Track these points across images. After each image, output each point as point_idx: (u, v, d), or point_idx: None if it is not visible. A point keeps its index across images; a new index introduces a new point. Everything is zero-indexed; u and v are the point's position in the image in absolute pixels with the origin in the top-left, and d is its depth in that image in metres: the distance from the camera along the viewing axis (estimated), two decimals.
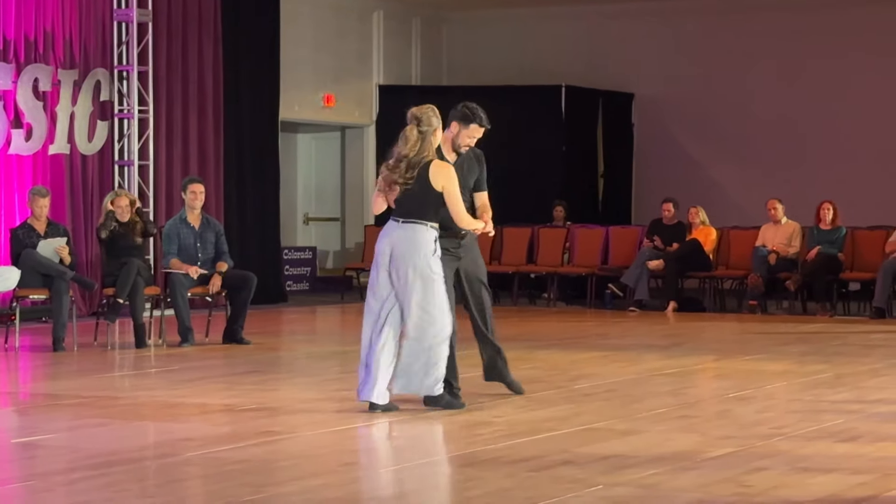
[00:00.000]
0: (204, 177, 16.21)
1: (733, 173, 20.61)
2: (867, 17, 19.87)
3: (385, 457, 7.19)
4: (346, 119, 21.15)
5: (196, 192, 12.97)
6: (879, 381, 10.34)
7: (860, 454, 7.18)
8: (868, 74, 19.84)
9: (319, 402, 9.30)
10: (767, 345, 13.34)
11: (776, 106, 20.37)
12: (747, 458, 7.03)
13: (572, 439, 7.63)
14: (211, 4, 17.31)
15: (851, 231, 17.18)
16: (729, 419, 8.47)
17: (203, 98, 17.31)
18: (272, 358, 12.35)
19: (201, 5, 17.20)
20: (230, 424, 8.30)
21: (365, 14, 21.14)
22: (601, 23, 21.45)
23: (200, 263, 12.86)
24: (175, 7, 16.89)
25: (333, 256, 21.97)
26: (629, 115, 21.58)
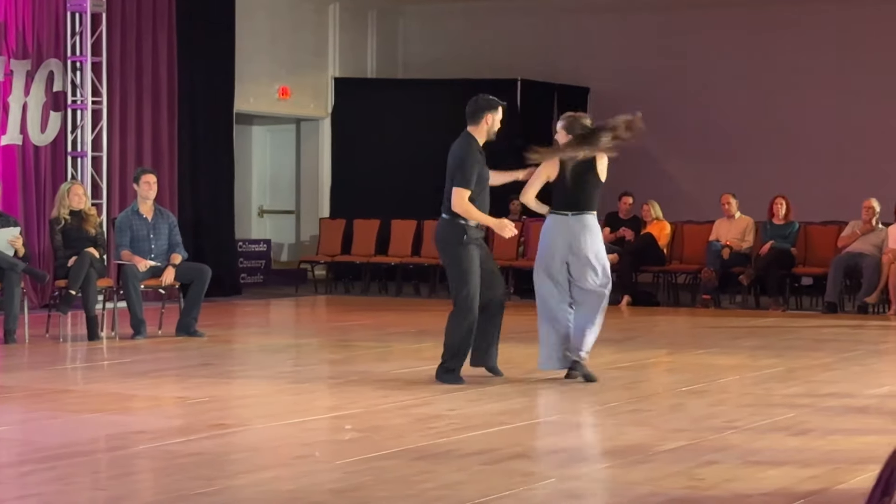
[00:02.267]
0: (158, 168, 16.15)
1: (687, 168, 20.68)
2: (822, 13, 19.97)
3: (337, 450, 7.17)
4: (302, 111, 21.11)
5: (149, 183, 12.92)
6: (831, 376, 10.40)
7: (811, 448, 7.21)
8: (822, 70, 19.94)
9: (272, 395, 9.27)
10: (720, 339, 13.39)
11: (730, 101, 20.45)
12: (699, 452, 7.05)
13: (525, 433, 7.64)
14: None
15: (804, 226, 17.28)
16: (681, 413, 8.50)
17: (157, 89, 17.23)
18: (225, 351, 12.31)
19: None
20: (182, 417, 8.27)
21: (321, 6, 21.09)
22: (557, 17, 21.48)
23: (154, 255, 12.80)
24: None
25: (288, 249, 21.92)
26: (584, 109, 21.57)
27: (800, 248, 17.14)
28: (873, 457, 6.87)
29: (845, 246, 16.56)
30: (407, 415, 8.26)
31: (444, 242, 9.73)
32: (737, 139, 20.40)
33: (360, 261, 19.43)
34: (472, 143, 9.75)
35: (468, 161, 9.68)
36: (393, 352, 12.05)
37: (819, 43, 19.97)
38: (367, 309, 16.66)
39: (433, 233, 9.96)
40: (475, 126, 9.81)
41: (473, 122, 9.82)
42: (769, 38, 20.25)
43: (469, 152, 9.72)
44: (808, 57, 20.01)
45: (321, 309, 17.70)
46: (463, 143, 9.81)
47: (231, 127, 18.72)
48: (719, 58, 20.51)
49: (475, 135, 9.79)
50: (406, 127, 21.00)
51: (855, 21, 19.81)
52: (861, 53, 19.73)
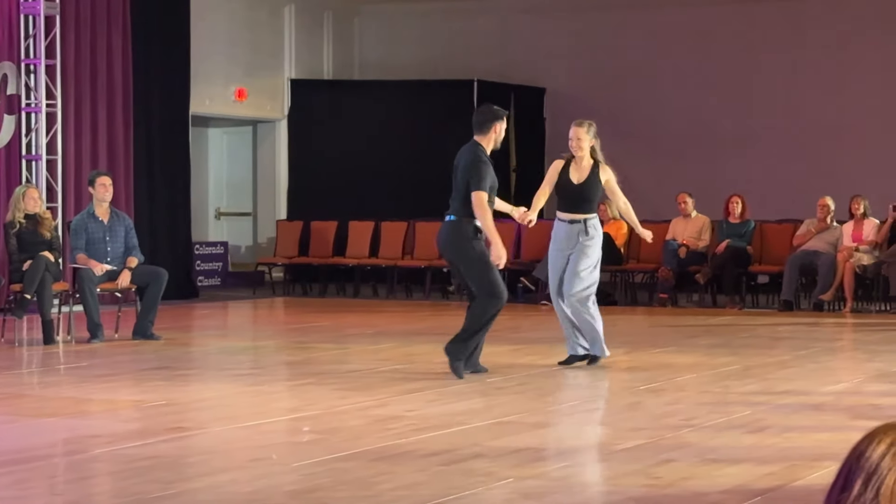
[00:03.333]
0: (113, 171, 16.05)
1: (644, 167, 20.73)
2: (777, 12, 20.07)
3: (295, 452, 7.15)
4: (258, 113, 21.05)
5: (105, 186, 12.84)
6: (787, 373, 10.46)
7: (767, 445, 7.24)
8: (777, 69, 20.05)
9: (230, 398, 9.24)
10: (677, 337, 13.44)
11: (686, 100, 20.53)
12: (657, 450, 7.07)
13: (484, 433, 7.64)
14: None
15: (760, 224, 17.36)
16: (639, 411, 8.52)
17: (112, 92, 17.14)
18: (183, 354, 12.26)
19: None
20: (139, 421, 8.23)
21: (276, 7, 21.04)
22: (513, 17, 21.51)
23: (110, 259, 12.73)
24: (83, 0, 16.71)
25: (245, 251, 21.86)
26: (541, 109, 21.65)
27: (756, 246, 17.22)
28: (829, 453, 6.91)
29: (801, 244, 16.65)
30: (365, 416, 8.24)
31: (455, 242, 9.89)
32: (692, 138, 20.48)
33: (317, 262, 19.40)
34: (481, 150, 9.91)
35: (481, 164, 9.83)
36: (351, 353, 12.04)
37: (771, 40, 20.07)
38: (325, 310, 16.63)
39: (438, 235, 10.05)
40: (483, 136, 9.95)
41: (481, 132, 9.96)
42: (722, 37, 20.33)
43: (480, 157, 9.87)
44: (761, 55, 20.11)
45: (279, 311, 17.66)
46: (472, 149, 9.96)
47: (187, 129, 18.64)
48: (675, 56, 20.59)
49: (483, 144, 9.94)
50: (363, 128, 20.98)
51: (805, 18, 19.91)
52: (812, 51, 19.84)
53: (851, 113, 19.67)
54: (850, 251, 16.20)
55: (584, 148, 10.57)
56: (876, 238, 16.35)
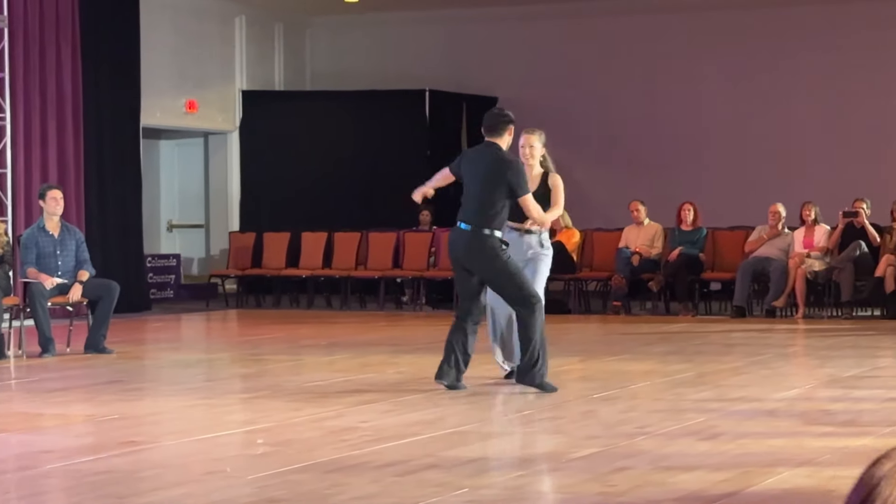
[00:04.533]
0: (64, 184, 15.97)
1: (596, 176, 20.81)
2: (722, 19, 20.19)
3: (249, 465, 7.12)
4: (209, 125, 21.00)
5: (55, 199, 12.76)
6: (740, 380, 10.50)
7: (721, 451, 7.27)
8: (726, 76, 20.16)
9: (183, 411, 9.20)
10: (631, 345, 13.48)
11: (638, 108, 20.62)
12: (612, 458, 7.08)
13: (438, 443, 7.63)
14: (69, 9, 17.05)
15: (712, 231, 17.45)
16: (593, 419, 8.53)
17: (62, 104, 17.04)
18: (135, 367, 12.19)
19: (59, 10, 16.93)
20: (92, 435, 8.17)
21: (227, 18, 20.99)
22: (464, 27, 21.54)
23: (61, 273, 12.66)
24: (32, 11, 16.60)
25: (198, 263, 21.79)
26: None
27: (708, 253, 17.30)
28: (783, 459, 6.94)
29: (752, 250, 16.74)
30: (319, 427, 8.22)
31: (480, 251, 9.58)
32: (645, 146, 20.57)
33: (270, 274, 19.35)
34: (500, 150, 9.71)
35: (517, 166, 9.67)
36: (305, 364, 12.01)
37: (719, 49, 20.19)
38: (279, 322, 16.58)
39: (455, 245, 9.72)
40: (499, 137, 9.78)
41: (496, 134, 9.79)
42: (672, 46, 20.44)
43: (518, 162, 9.73)
44: (710, 63, 20.22)
45: (232, 323, 17.60)
46: (496, 150, 9.70)
47: (138, 141, 18.56)
48: (625, 65, 20.67)
49: (499, 144, 9.77)
50: (315, 139, 20.96)
51: (754, 25, 20.04)
52: (762, 58, 19.96)
53: (800, 119, 19.81)
54: (801, 257, 16.30)
55: (537, 156, 10.36)
56: (827, 244, 16.46)
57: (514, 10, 21.19)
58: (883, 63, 19.44)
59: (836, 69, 19.64)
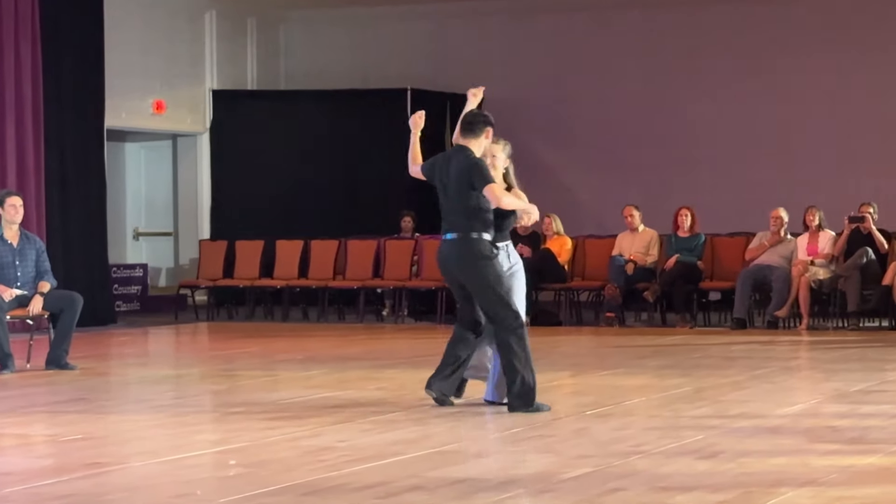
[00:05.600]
0: (23, 190, 15.94)
1: (588, 179, 20.83)
2: (720, 16, 20.22)
3: (221, 487, 7.11)
4: (178, 126, 20.98)
5: (14, 206, 12.74)
6: (741, 395, 10.51)
7: (721, 471, 7.27)
8: (725, 75, 20.19)
9: (151, 430, 9.18)
10: (625, 359, 13.48)
11: (632, 109, 20.63)
12: (605, 479, 7.08)
13: (421, 463, 7.63)
14: (28, 5, 17.02)
15: (710, 238, 17.46)
16: (586, 438, 8.53)
17: (21, 105, 17.00)
18: (100, 384, 12.16)
19: (17, 4, 16.91)
20: (53, 457, 8.15)
21: (196, 14, 20.98)
22: (447, 22, 21.55)
23: (20, 284, 12.63)
24: None
25: (166, 273, 21.76)
26: None
27: (706, 261, 17.31)
28: (786, 479, 6.95)
29: (753, 258, 16.76)
30: (296, 447, 8.21)
31: (467, 259, 9.60)
32: (639, 148, 20.58)
33: (243, 284, 19.32)
34: (471, 153, 9.74)
35: (480, 163, 9.67)
36: (280, 380, 11.99)
37: (720, 47, 20.22)
38: (252, 335, 16.56)
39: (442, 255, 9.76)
40: (474, 139, 9.81)
41: (472, 135, 9.81)
42: (669, 43, 20.46)
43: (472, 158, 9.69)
44: (710, 61, 20.25)
45: (203, 336, 17.57)
46: (461, 154, 9.76)
47: (102, 144, 18.52)
48: (618, 63, 20.69)
49: (472, 148, 9.78)
50: (290, 141, 20.95)
51: (756, 24, 20.07)
52: (763, 58, 20.00)
53: (804, 121, 19.85)
54: (805, 265, 16.33)
55: (498, 167, 10.27)
56: (832, 251, 16.50)
57: (501, 5, 21.20)
58: (890, 62, 19.49)
59: (840, 68, 19.68)
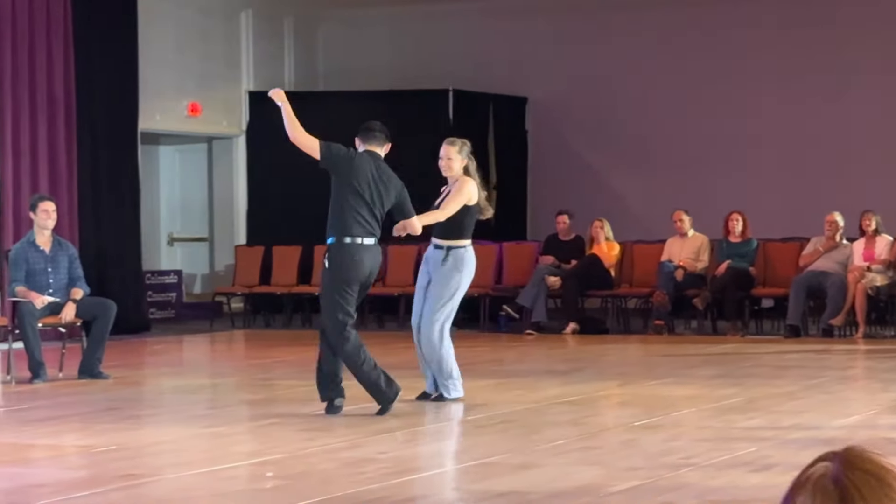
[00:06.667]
0: (56, 195, 16.01)
1: (636, 183, 20.79)
2: (770, 12, 20.14)
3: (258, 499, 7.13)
4: (214, 129, 21.05)
5: (47, 212, 12.81)
6: (794, 405, 10.47)
7: (775, 484, 7.25)
8: (779, 76, 20.11)
9: (185, 441, 9.21)
10: (675, 368, 13.45)
11: (682, 110, 20.58)
12: (654, 491, 7.07)
13: (465, 476, 7.63)
14: (61, 4, 17.13)
15: (763, 243, 17.40)
16: (634, 449, 8.52)
17: (53, 108, 17.10)
18: (134, 393, 12.22)
19: (50, 5, 17.01)
20: (87, 468, 8.20)
21: (232, 14, 21.05)
22: (491, 21, 21.55)
23: (52, 291, 12.69)
24: (20, 7, 16.68)
25: (201, 280, 21.82)
26: (523, 120, 21.70)
27: (759, 267, 17.25)
28: None
29: (808, 264, 16.69)
30: (334, 459, 8.23)
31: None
32: (689, 151, 20.53)
33: (280, 291, 19.35)
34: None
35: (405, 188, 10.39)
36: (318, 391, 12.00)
37: (776, 47, 20.15)
38: (290, 344, 16.59)
39: (374, 259, 10.34)
40: (380, 147, 10.53)
41: (378, 143, 10.54)
42: (722, 42, 20.40)
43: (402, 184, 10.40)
44: (764, 62, 20.17)
45: (239, 345, 17.62)
46: (390, 172, 10.43)
47: (136, 147, 18.61)
48: (669, 63, 20.64)
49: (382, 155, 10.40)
50: None
51: (805, 18, 19.98)
52: (817, 53, 19.91)
53: (860, 123, 19.76)
54: (861, 271, 16.25)
55: (454, 168, 10.75)
56: (889, 256, 16.42)
57: (545, 4, 21.20)
58: None
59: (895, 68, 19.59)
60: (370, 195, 10.14)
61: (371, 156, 10.28)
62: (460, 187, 10.71)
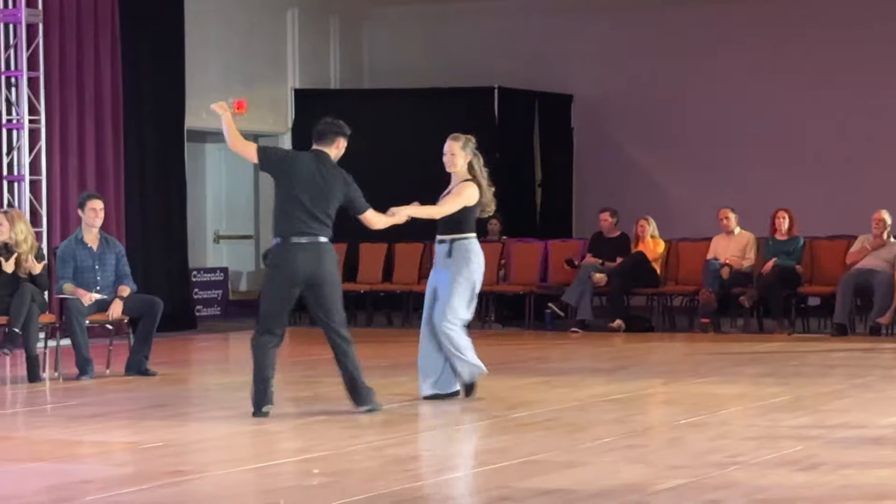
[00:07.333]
0: (103, 192, 16.08)
1: (682, 180, 20.72)
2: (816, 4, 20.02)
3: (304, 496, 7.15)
4: (260, 127, 21.07)
5: (95, 210, 12.86)
6: (841, 404, 10.43)
7: (822, 483, 7.22)
8: (827, 72, 20.00)
9: (232, 438, 9.25)
10: (721, 366, 13.41)
11: (728, 107, 20.49)
12: (701, 490, 7.05)
13: (510, 473, 7.63)
14: (108, 2, 17.20)
15: (809, 241, 17.31)
16: (680, 448, 8.50)
17: (101, 106, 17.18)
18: (180, 390, 12.27)
19: (97, 4, 17.09)
20: (134, 464, 8.23)
21: (278, 12, 21.09)
22: (537, 18, 21.52)
23: (100, 288, 12.75)
24: (68, 6, 16.75)
25: (247, 278, 21.88)
26: (568, 118, 21.66)
27: (805, 265, 17.18)
28: (889, 491, 6.89)
29: (855, 262, 16.61)
30: (380, 456, 8.24)
31: (333, 267, 10.55)
32: (735, 148, 20.45)
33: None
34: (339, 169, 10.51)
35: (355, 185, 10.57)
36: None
37: (815, 37, 20.03)
38: None
39: (308, 259, 10.34)
40: (328, 147, 10.47)
41: (325, 142, 10.46)
42: (770, 39, 20.29)
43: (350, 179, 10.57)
44: (811, 58, 20.07)
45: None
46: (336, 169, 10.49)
47: (182, 145, 18.68)
48: (715, 60, 20.56)
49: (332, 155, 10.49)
50: (373, 141, 20.95)
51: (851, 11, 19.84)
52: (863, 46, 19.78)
53: None
54: None
55: (458, 164, 10.78)
56: None
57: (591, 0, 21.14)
58: None
59: None
60: (308, 195, 10.16)
61: (315, 155, 10.31)
62: (460, 191, 10.80)
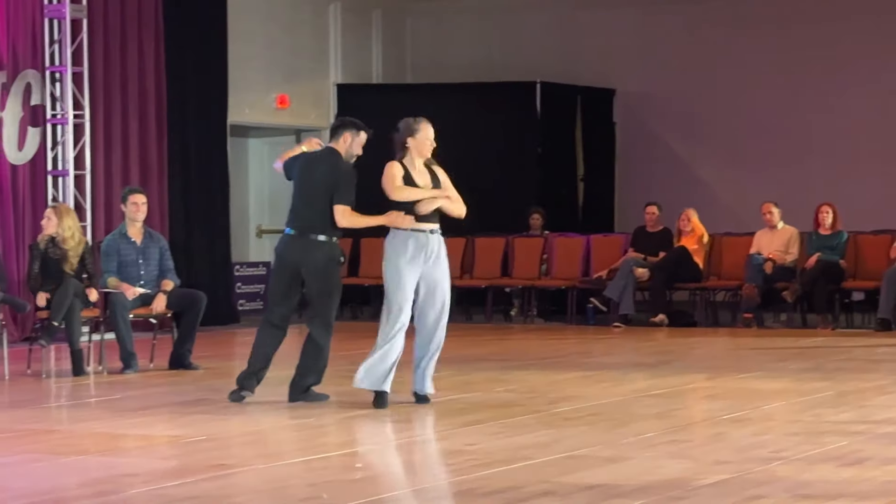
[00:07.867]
0: (147, 187, 16.16)
1: (724, 175, 20.66)
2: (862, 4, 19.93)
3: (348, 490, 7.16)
4: (302, 121, 21.11)
5: (137, 204, 12.92)
6: (886, 399, 10.38)
7: (867, 478, 7.19)
8: (870, 66, 19.90)
9: (275, 432, 9.27)
10: (764, 361, 13.37)
11: (770, 101, 20.42)
12: (744, 486, 7.03)
13: (552, 468, 7.62)
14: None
15: (853, 236, 17.24)
16: (723, 443, 8.48)
17: (144, 101, 17.25)
18: (223, 384, 12.26)
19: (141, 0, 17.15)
20: (178, 458, 8.26)
21: (320, 7, 21.12)
22: (579, 13, 21.49)
23: (143, 282, 12.80)
24: (112, 1, 16.83)
25: None
26: (610, 112, 21.61)
27: (849, 260, 17.10)
28: None
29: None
30: (422, 450, 8.25)
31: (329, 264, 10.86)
32: (778, 142, 20.37)
33: (368, 283, 19.36)
34: (339, 158, 10.86)
35: (347, 176, 10.85)
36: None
37: (867, 34, 19.93)
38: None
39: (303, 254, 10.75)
40: (336, 142, 10.94)
41: (334, 139, 10.97)
42: (805, 30, 20.21)
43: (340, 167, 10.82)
44: (855, 50, 19.97)
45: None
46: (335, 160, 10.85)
47: (225, 140, 18.74)
48: (757, 53, 20.49)
49: (339, 150, 10.93)
50: None
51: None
52: None
53: None
54: None
55: None
56: None
57: None
58: None
59: None
60: (299, 188, 10.67)
61: (323, 151, 10.79)
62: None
